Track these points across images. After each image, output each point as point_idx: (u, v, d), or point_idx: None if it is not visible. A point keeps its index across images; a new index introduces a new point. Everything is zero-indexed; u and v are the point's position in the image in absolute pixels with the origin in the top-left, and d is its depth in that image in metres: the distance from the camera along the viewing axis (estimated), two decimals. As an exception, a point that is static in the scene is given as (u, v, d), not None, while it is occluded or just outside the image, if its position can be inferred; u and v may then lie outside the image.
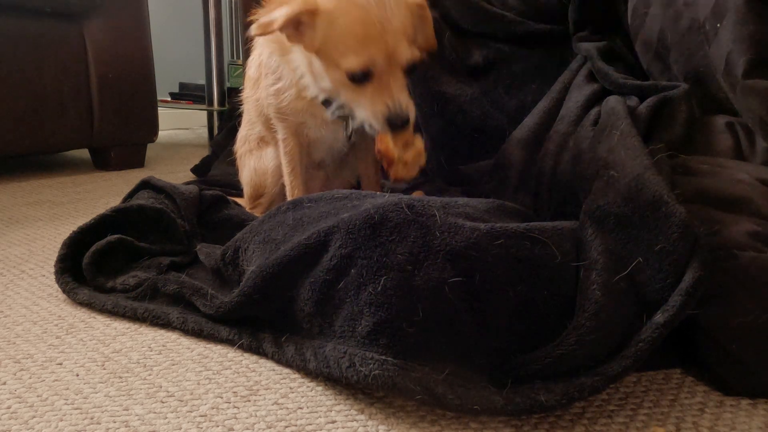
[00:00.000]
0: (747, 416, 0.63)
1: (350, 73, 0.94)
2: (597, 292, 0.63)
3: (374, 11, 0.91)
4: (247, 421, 0.62)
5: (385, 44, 0.92)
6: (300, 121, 1.15)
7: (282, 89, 1.12)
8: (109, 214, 1.01)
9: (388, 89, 0.94)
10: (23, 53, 1.83)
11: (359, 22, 0.92)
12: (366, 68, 0.93)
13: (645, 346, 0.61)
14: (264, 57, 1.15)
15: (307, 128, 1.17)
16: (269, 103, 1.15)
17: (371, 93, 0.95)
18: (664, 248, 0.64)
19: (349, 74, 0.94)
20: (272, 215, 0.85)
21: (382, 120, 0.95)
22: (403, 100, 0.95)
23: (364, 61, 0.93)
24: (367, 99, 0.96)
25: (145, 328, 0.84)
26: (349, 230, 0.69)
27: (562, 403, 0.59)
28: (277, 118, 1.16)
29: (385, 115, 0.95)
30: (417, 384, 0.59)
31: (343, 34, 0.93)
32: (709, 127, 0.98)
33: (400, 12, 0.94)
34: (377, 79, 0.94)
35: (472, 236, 0.66)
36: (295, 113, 1.14)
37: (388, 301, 0.64)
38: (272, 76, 1.13)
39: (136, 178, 1.22)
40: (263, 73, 1.16)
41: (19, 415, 0.63)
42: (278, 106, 1.14)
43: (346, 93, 0.99)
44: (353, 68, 0.93)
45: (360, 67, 0.93)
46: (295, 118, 1.15)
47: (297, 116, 1.14)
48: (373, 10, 0.91)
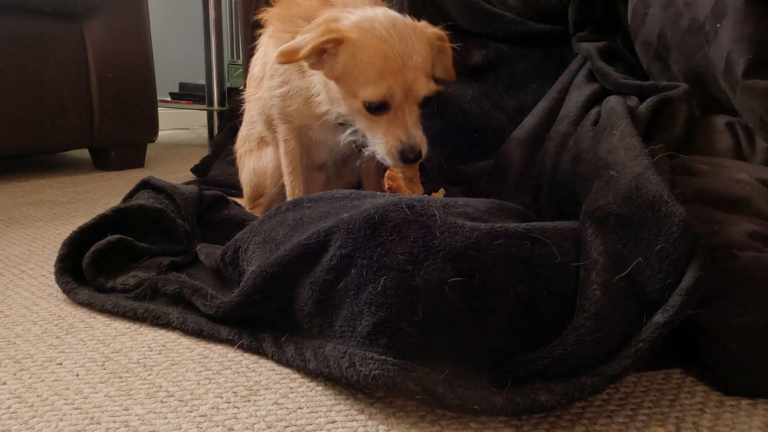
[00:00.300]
0: (747, 416, 0.63)
1: (367, 103, 0.96)
2: (597, 292, 0.63)
3: (396, 45, 0.94)
4: (247, 421, 0.62)
5: (404, 79, 0.95)
6: (304, 123, 1.15)
7: (289, 94, 1.11)
8: (109, 214, 1.01)
9: (403, 122, 0.97)
10: (23, 53, 1.82)
11: (381, 55, 0.94)
12: (383, 100, 0.95)
13: (645, 347, 0.61)
14: (270, 57, 1.15)
15: (311, 130, 1.17)
16: (273, 104, 1.15)
17: (386, 124, 0.98)
18: (664, 248, 0.64)
19: (366, 104, 0.96)
20: (272, 215, 0.85)
21: (395, 153, 0.97)
22: (417, 134, 0.97)
23: (382, 94, 0.95)
24: (382, 130, 0.98)
25: (145, 328, 0.84)
26: (349, 230, 0.69)
27: (562, 403, 0.59)
28: (281, 119, 1.16)
29: (398, 149, 0.97)
30: (417, 384, 0.59)
31: (364, 66, 0.95)
32: (709, 127, 0.98)
33: (421, 46, 0.97)
34: (393, 111, 0.97)
35: (472, 236, 0.66)
36: (300, 116, 1.14)
37: (388, 301, 0.64)
38: (278, 79, 1.12)
39: (136, 178, 1.22)
40: (268, 73, 1.15)
41: (19, 415, 0.63)
42: (283, 109, 1.14)
43: (361, 121, 1.01)
44: (371, 99, 0.95)
45: (378, 99, 0.95)
46: (300, 120, 1.14)
47: (302, 119, 1.14)
48: (395, 43, 0.94)
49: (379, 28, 0.94)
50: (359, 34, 0.94)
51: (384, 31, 0.94)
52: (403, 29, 0.96)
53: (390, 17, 0.97)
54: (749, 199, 0.77)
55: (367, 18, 0.96)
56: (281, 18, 1.12)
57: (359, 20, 0.96)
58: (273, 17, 1.14)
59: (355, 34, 0.95)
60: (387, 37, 0.94)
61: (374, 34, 0.94)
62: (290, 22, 1.09)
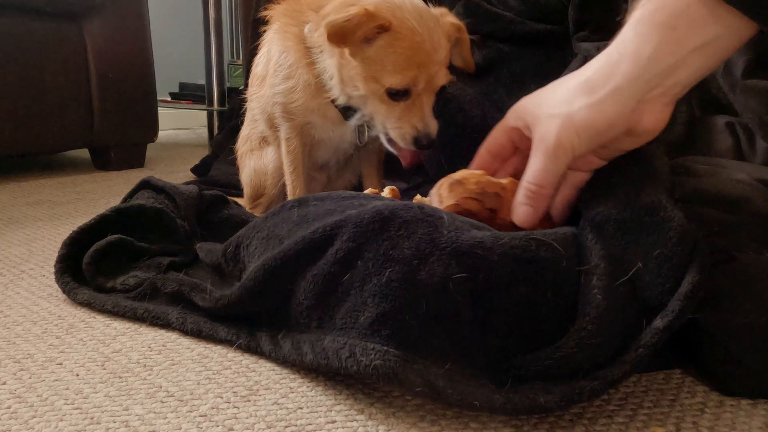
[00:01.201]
0: (747, 416, 0.63)
1: (391, 90, 0.99)
2: (598, 297, 0.63)
3: (427, 38, 0.97)
4: (247, 421, 0.62)
5: (428, 70, 0.98)
6: (307, 121, 1.15)
7: (293, 88, 1.12)
8: (109, 214, 1.01)
9: (419, 109, 1.01)
10: (23, 53, 1.82)
11: (415, 46, 0.97)
12: (407, 88, 0.98)
13: (645, 352, 0.61)
14: (274, 54, 1.15)
15: (314, 128, 1.17)
16: (276, 101, 1.15)
17: (402, 110, 1.00)
18: (663, 253, 0.64)
19: (390, 90, 0.99)
20: (276, 212, 0.85)
21: (410, 139, 1.01)
22: (432, 123, 1.01)
23: (407, 83, 0.98)
24: (397, 116, 1.01)
25: (145, 328, 0.84)
26: (357, 224, 0.69)
27: (561, 405, 0.59)
28: (283, 117, 1.16)
29: (413, 135, 1.01)
30: (418, 376, 0.59)
31: (396, 55, 0.97)
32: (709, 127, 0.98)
33: (443, 39, 1.00)
34: (412, 99, 1.00)
35: (478, 235, 0.67)
36: (304, 113, 1.13)
37: (392, 293, 0.64)
38: (282, 75, 1.12)
39: (136, 178, 1.22)
40: (272, 69, 1.15)
41: (19, 415, 0.63)
42: (286, 105, 1.14)
43: (378, 105, 1.02)
44: (396, 86, 0.98)
45: (403, 86, 0.98)
46: (303, 118, 1.14)
47: (305, 116, 1.14)
48: (426, 37, 0.97)
49: (411, 19, 0.97)
50: (397, 22, 0.96)
51: (415, 22, 0.97)
52: (429, 20, 0.99)
53: (416, 6, 1.00)
54: (749, 199, 0.77)
55: (398, 6, 0.98)
56: (287, 13, 1.12)
57: (392, 7, 0.97)
58: (279, 14, 1.14)
59: (398, 23, 0.96)
60: (419, 28, 0.96)
61: (408, 24, 0.96)
62: (298, 15, 1.10)
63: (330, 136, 1.18)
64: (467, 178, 0.78)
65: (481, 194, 0.77)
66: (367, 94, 1.02)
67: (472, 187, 0.77)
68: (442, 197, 0.78)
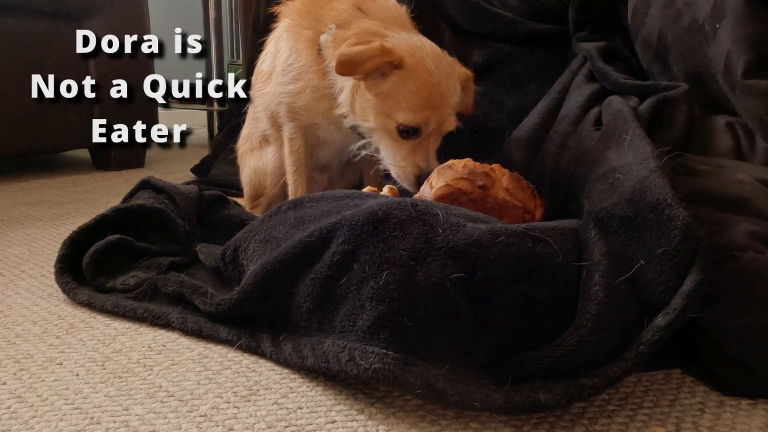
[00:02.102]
0: (747, 416, 0.63)
1: (401, 126, 1.00)
2: (599, 294, 0.63)
3: (441, 81, 0.99)
4: (247, 421, 0.62)
5: (440, 113, 1.00)
6: (312, 121, 1.14)
7: (301, 90, 1.11)
8: (109, 214, 1.01)
9: (426, 150, 1.02)
10: (23, 53, 1.82)
11: (429, 87, 0.98)
12: (419, 126, 1.00)
13: (645, 349, 0.61)
14: (283, 53, 1.13)
15: (318, 129, 1.16)
16: (281, 101, 1.14)
17: (409, 149, 1.02)
18: (667, 251, 0.64)
19: (400, 127, 1.00)
20: (273, 214, 0.85)
21: (412, 178, 1.03)
22: (434, 164, 1.02)
23: (420, 121, 0.99)
24: (403, 154, 1.03)
25: (145, 328, 0.84)
26: (352, 226, 0.69)
27: (562, 403, 0.59)
28: (288, 116, 1.15)
29: (416, 174, 1.02)
30: (417, 378, 0.59)
31: (411, 93, 0.98)
32: (709, 127, 0.98)
33: (455, 86, 1.02)
34: (420, 140, 1.01)
35: (474, 234, 0.67)
36: (309, 114, 1.13)
37: (389, 296, 0.64)
38: (291, 75, 1.12)
39: (136, 178, 1.22)
40: (279, 67, 1.14)
41: (19, 415, 0.63)
42: (292, 106, 1.13)
43: (386, 140, 1.04)
44: (409, 123, 0.99)
45: (415, 124, 1.00)
46: (309, 118, 1.14)
47: (311, 117, 1.14)
48: (441, 80, 0.99)
49: (429, 61, 0.99)
50: (414, 61, 0.98)
51: (433, 64, 0.99)
52: (445, 66, 1.01)
53: (436, 51, 1.02)
54: (749, 199, 0.77)
55: (418, 47, 1.00)
56: (301, 13, 1.11)
57: (411, 47, 0.99)
58: (292, 11, 1.12)
59: (411, 61, 0.98)
60: (435, 71, 0.98)
61: (426, 66, 0.98)
62: (314, 19, 1.09)
63: (334, 138, 1.17)
64: (455, 163, 0.85)
65: (470, 174, 0.81)
66: (377, 127, 1.03)
67: (461, 169, 0.83)
68: (432, 182, 0.83)
